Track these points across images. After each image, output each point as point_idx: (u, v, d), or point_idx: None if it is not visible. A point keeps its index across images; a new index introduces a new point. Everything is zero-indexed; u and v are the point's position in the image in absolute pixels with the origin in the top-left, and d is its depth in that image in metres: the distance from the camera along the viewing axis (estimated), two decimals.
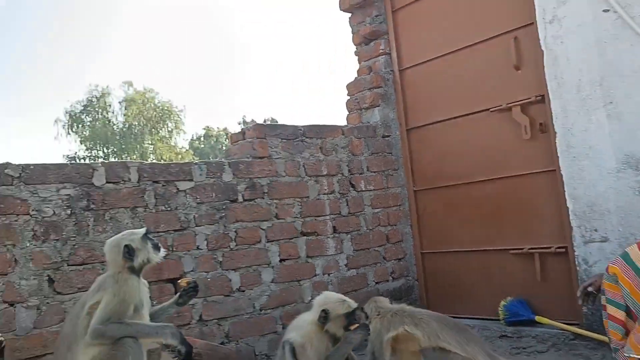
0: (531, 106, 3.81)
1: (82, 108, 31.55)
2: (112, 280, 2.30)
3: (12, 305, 2.79)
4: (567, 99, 3.52)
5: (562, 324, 3.56)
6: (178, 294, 2.66)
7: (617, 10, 3.27)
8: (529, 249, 3.82)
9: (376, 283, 4.24)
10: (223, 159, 3.74)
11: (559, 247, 3.66)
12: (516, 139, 3.90)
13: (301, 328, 2.73)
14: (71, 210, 3.02)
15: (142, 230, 2.54)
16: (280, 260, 3.76)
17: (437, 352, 2.56)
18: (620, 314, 2.58)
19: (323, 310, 2.69)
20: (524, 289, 3.86)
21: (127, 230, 2.65)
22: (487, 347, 2.58)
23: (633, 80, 3.24)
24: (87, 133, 31.26)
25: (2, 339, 2.36)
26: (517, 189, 3.93)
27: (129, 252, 2.41)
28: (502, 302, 3.85)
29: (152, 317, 2.48)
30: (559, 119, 3.57)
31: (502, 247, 3.99)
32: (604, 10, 3.34)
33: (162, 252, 2.57)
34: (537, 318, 3.70)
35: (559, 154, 3.58)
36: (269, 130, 3.90)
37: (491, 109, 4.01)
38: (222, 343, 3.39)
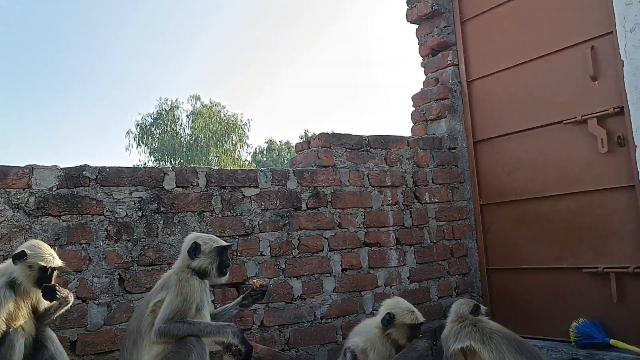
0: (608, 118, 3.63)
1: (152, 121, 32.86)
2: (176, 278, 2.34)
3: (84, 301, 2.90)
4: None
5: None
6: (243, 295, 2.68)
7: None
8: (604, 268, 3.62)
9: (439, 298, 4.14)
10: (288, 168, 3.78)
11: (637, 267, 3.45)
12: (591, 153, 3.72)
13: (364, 333, 2.70)
14: (142, 212, 3.12)
15: (224, 243, 2.51)
16: (342, 270, 3.74)
17: None
18: None
19: (388, 313, 2.64)
20: (598, 311, 3.66)
21: (213, 235, 2.62)
22: None
23: None
24: (156, 145, 32.50)
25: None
26: (592, 205, 3.74)
27: (194, 249, 2.42)
28: (574, 324, 3.66)
29: (214, 317, 2.52)
30: (638, 132, 3.39)
31: (575, 265, 3.81)
32: None
33: (226, 278, 2.52)
34: (612, 341, 3.48)
35: (638, 169, 3.40)
36: (334, 140, 3.91)
37: (565, 121, 3.86)
38: (282, 350, 3.39)
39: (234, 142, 34.03)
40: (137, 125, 32.65)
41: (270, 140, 39.53)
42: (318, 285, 3.63)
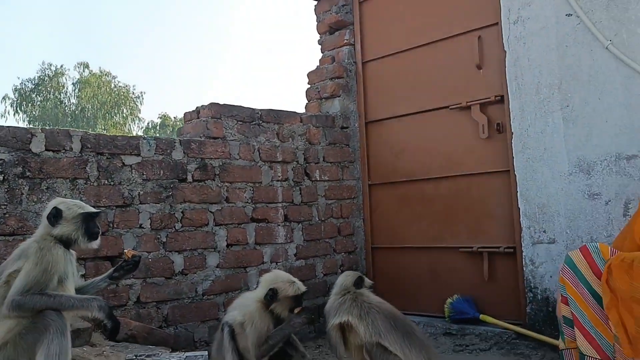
0: (490, 106, 3.81)
1: (33, 87, 30.35)
2: (36, 246, 2.11)
3: None
4: (526, 100, 3.54)
5: (506, 323, 3.57)
6: (114, 267, 2.48)
7: (579, 15, 3.30)
8: (479, 248, 3.82)
9: (324, 275, 4.17)
10: (174, 137, 3.59)
11: (507, 247, 3.68)
12: (473, 138, 3.90)
13: (244, 306, 2.62)
14: (4, 177, 2.81)
15: (92, 210, 2.27)
16: (228, 245, 3.64)
17: (379, 349, 2.49)
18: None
19: (271, 289, 2.58)
20: (471, 288, 3.86)
21: (79, 201, 2.36)
22: (432, 355, 2.51)
23: (590, 85, 3.28)
24: (36, 113, 30.08)
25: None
26: (471, 188, 3.93)
27: (55, 215, 2.18)
28: (449, 300, 3.84)
29: (81, 291, 2.29)
30: (516, 119, 3.59)
31: (452, 245, 3.99)
32: (567, 15, 3.37)
33: (97, 242, 2.28)
34: (481, 317, 3.70)
35: (514, 155, 3.60)
36: (225, 111, 3.77)
37: (451, 107, 4.00)
38: (160, 327, 3.24)
39: (124, 115, 32.33)
40: (16, 90, 29.99)
41: (164, 116, 38.05)
42: (201, 261, 3.50)
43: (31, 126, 29.14)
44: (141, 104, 33.45)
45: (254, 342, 2.51)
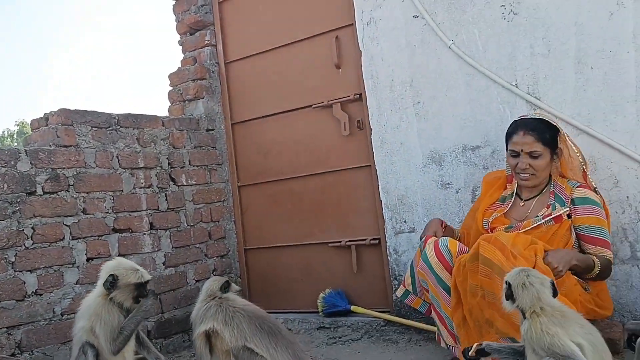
0: (350, 104, 3.94)
1: None
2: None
3: None
4: (382, 97, 3.71)
5: (375, 312, 3.73)
6: None
7: (424, 16, 3.51)
8: (347, 241, 3.94)
9: (196, 281, 4.07)
10: (19, 147, 3.31)
11: (373, 239, 3.83)
12: (336, 135, 4.01)
13: (86, 311, 2.47)
14: None
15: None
16: (88, 260, 3.42)
17: (245, 352, 2.48)
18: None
19: (111, 275, 2.44)
20: (341, 281, 3.98)
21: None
22: (298, 351, 2.55)
23: (438, 82, 3.51)
24: None
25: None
26: (337, 184, 4.04)
27: (111, 282, 2.52)
28: (321, 295, 3.93)
29: None
30: (374, 116, 3.74)
31: (322, 240, 4.08)
32: (414, 16, 3.57)
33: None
34: (352, 308, 3.82)
35: (374, 150, 3.76)
36: (77, 117, 3.53)
37: (313, 106, 4.08)
38: (12, 354, 2.97)
39: None
40: None
41: (22, 123, 35.04)
42: (58, 278, 3.26)
43: None
44: None
45: (107, 338, 2.37)
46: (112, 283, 2.45)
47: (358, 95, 3.87)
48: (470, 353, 2.15)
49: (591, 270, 2.62)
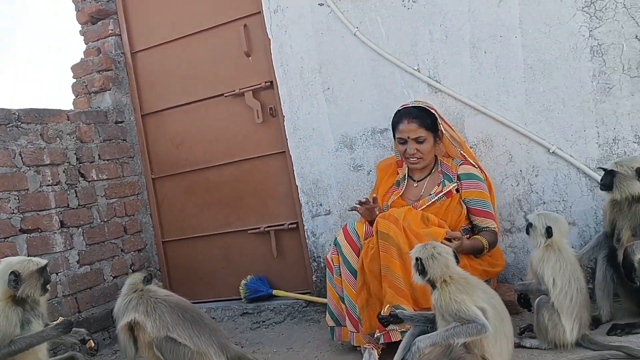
0: (262, 91, 3.98)
1: None
2: None
3: None
4: (292, 84, 3.78)
5: (296, 294, 3.83)
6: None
7: (329, 4, 3.60)
8: (266, 227, 4.01)
9: (114, 278, 3.99)
10: None
11: (291, 224, 3.92)
12: (250, 123, 4.04)
13: None
14: None
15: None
16: None
17: (169, 342, 2.50)
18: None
19: (12, 273, 2.37)
20: (262, 266, 4.05)
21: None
22: (222, 338, 2.59)
23: (345, 69, 3.62)
24: None
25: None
26: (253, 172, 4.08)
27: (15, 280, 2.42)
28: (243, 281, 3.98)
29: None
30: (286, 103, 3.81)
31: (242, 228, 4.12)
32: (319, 4, 3.65)
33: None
34: (274, 292, 3.91)
35: (287, 137, 3.83)
36: None
37: (225, 94, 4.08)
38: None
39: None
40: None
41: None
42: None
43: None
44: None
45: None
46: (15, 280, 2.37)
47: (269, 83, 3.92)
48: (382, 312, 2.27)
49: (482, 251, 2.88)
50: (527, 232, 2.64)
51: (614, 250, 2.78)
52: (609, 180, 2.74)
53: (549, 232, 2.53)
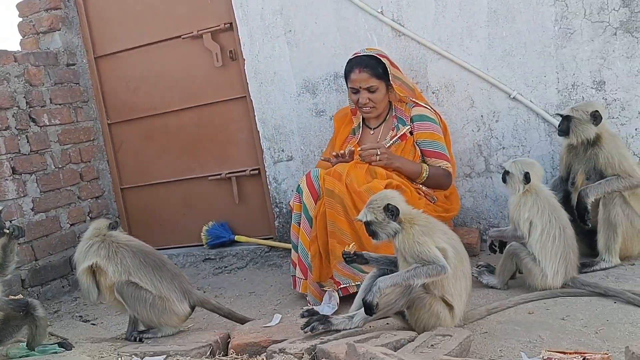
0: (221, 33, 3.84)
1: None
2: None
3: None
4: (253, 26, 3.66)
5: (259, 240, 3.84)
6: None
7: None
8: (227, 174, 3.96)
9: (71, 225, 3.90)
10: None
11: (253, 170, 3.89)
12: (209, 67, 3.92)
13: None
14: None
15: None
16: None
17: (130, 286, 2.48)
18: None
19: None
20: (224, 212, 4.02)
21: None
22: (184, 283, 2.58)
23: (307, 11, 3.52)
24: None
25: None
26: (213, 117, 3.99)
27: None
28: (205, 227, 3.96)
29: None
30: (246, 46, 3.70)
31: (202, 174, 4.06)
32: None
33: None
34: (236, 238, 3.90)
35: (248, 81, 3.74)
36: None
37: (183, 36, 3.92)
38: None
39: None
40: None
41: None
42: None
43: None
44: None
45: None
46: None
47: (229, 25, 3.78)
48: (348, 249, 2.28)
49: (418, 175, 2.91)
50: (504, 181, 2.63)
51: (568, 194, 2.87)
52: (565, 125, 2.79)
53: (527, 177, 2.54)
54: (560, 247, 2.50)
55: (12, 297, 2.37)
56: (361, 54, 3.02)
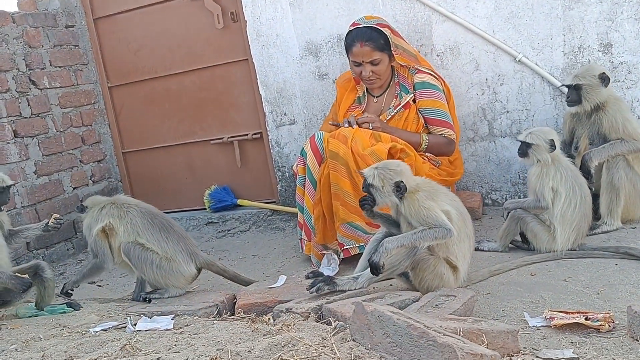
0: None
1: None
2: None
3: None
4: None
5: (261, 203, 3.86)
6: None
7: None
8: (229, 137, 3.95)
9: (74, 189, 3.91)
10: None
11: (255, 134, 3.87)
12: (210, 29, 3.86)
13: None
14: None
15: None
16: None
17: (137, 247, 2.50)
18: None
19: None
20: (227, 176, 4.02)
21: None
22: (191, 246, 2.60)
23: None
24: None
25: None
26: (215, 80, 3.96)
27: None
28: (207, 191, 3.97)
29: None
30: (248, 7, 3.64)
31: (204, 138, 4.05)
32: None
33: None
34: (239, 201, 3.92)
35: (250, 43, 3.69)
36: None
37: None
38: None
39: None
40: None
41: None
42: None
43: None
44: None
45: None
46: None
47: None
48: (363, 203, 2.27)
49: (418, 146, 2.90)
50: (524, 154, 2.56)
51: (572, 158, 2.86)
52: (576, 95, 2.76)
53: (552, 145, 2.50)
54: (578, 215, 2.50)
55: (18, 274, 2.40)
56: (361, 26, 2.94)
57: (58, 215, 2.67)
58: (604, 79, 2.70)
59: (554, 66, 3.09)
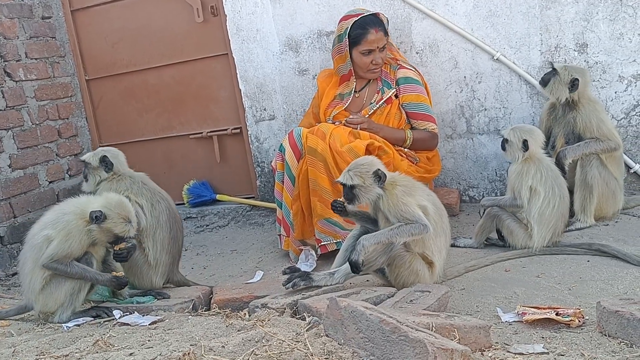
0: None
1: None
2: None
3: None
4: None
5: (240, 199, 3.84)
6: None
7: None
8: (208, 132, 3.92)
9: (50, 182, 3.86)
10: None
11: (234, 128, 3.86)
12: (189, 23, 3.83)
13: (60, 223, 2.27)
14: None
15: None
16: None
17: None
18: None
19: (101, 211, 2.23)
20: (205, 171, 4.00)
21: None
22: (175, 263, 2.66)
23: None
24: None
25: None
26: (194, 74, 3.93)
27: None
28: (186, 186, 3.94)
29: None
30: (228, 1, 3.62)
31: (183, 132, 4.02)
32: None
33: None
34: (218, 197, 3.90)
35: (230, 38, 3.67)
36: None
37: None
38: None
39: None
40: None
41: None
42: None
43: None
44: None
45: (54, 255, 2.20)
46: (98, 217, 2.24)
47: None
48: (341, 200, 2.27)
49: (403, 142, 2.93)
50: (503, 149, 2.62)
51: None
52: (548, 77, 2.82)
53: (525, 144, 2.54)
54: (556, 215, 2.54)
55: (115, 273, 2.34)
56: (365, 14, 2.95)
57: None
58: (573, 84, 2.77)
59: (531, 65, 3.13)
